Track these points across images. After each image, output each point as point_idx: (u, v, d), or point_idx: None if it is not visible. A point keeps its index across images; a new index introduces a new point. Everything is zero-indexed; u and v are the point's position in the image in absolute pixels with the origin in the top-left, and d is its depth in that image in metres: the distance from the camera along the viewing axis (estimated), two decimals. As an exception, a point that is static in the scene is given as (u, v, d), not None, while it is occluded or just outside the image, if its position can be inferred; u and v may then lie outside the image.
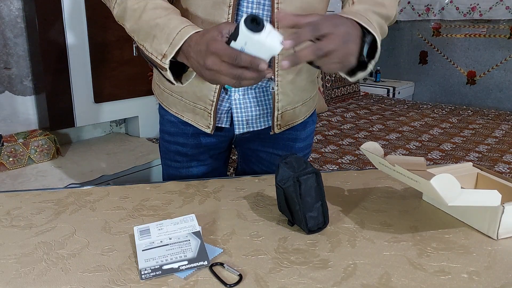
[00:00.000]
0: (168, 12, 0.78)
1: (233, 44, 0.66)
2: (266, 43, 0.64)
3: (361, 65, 0.75)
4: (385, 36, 0.83)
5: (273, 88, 0.94)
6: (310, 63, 0.72)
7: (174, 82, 0.78)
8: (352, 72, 0.78)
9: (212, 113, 0.95)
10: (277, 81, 0.93)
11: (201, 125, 0.98)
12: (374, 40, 0.75)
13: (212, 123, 0.96)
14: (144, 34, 0.78)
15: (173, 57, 0.74)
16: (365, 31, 0.73)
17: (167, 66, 0.75)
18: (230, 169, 1.90)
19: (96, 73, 2.25)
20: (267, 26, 0.64)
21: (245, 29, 0.63)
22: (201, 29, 0.73)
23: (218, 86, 0.92)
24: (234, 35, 0.66)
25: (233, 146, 1.13)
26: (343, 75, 0.78)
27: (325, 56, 0.67)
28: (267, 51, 0.66)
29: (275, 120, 0.98)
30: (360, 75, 0.78)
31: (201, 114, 0.97)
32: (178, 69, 0.79)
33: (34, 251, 0.68)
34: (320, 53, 0.66)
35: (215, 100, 0.93)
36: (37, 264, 0.65)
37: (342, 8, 0.92)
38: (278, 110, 0.97)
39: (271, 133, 1.01)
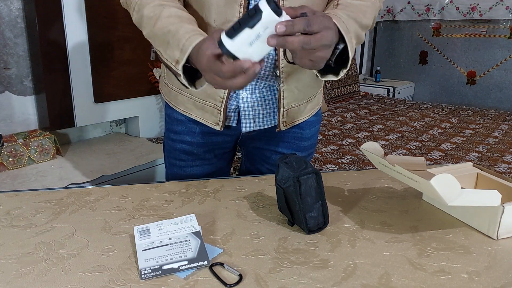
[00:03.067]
0: (181, 19, 0.81)
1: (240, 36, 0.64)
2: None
3: (334, 69, 0.79)
4: (360, 44, 0.87)
5: (278, 85, 0.95)
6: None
7: (188, 86, 0.80)
8: (324, 72, 0.82)
9: (222, 110, 0.96)
10: (282, 77, 0.94)
11: (210, 123, 0.99)
12: (345, 48, 0.77)
13: (221, 120, 0.97)
14: (159, 41, 0.82)
15: (187, 62, 0.77)
16: (339, 38, 0.76)
17: (180, 72, 0.77)
18: (234, 172, 1.90)
19: (96, 73, 2.25)
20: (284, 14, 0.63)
21: (270, 12, 0.62)
22: (207, 36, 0.75)
23: None
24: (243, 24, 0.63)
25: (238, 146, 1.14)
26: (315, 71, 0.82)
27: (306, 51, 0.68)
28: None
29: (281, 117, 1.00)
30: (330, 77, 0.81)
31: (211, 111, 0.98)
32: (193, 73, 0.81)
33: (34, 251, 0.68)
34: (306, 48, 0.67)
35: (225, 97, 0.95)
36: (37, 264, 0.65)
37: (326, 5, 0.93)
38: (283, 107, 0.99)
39: (277, 130, 1.02)
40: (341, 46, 0.76)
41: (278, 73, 0.94)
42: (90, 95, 2.26)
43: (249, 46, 0.64)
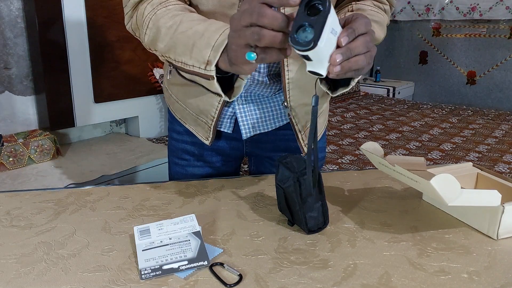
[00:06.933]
0: (206, 20, 0.73)
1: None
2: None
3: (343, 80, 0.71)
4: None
5: (289, 115, 0.95)
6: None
7: (222, 94, 0.69)
8: (334, 87, 0.73)
9: (212, 128, 0.96)
10: (290, 106, 0.94)
11: (201, 136, 1.00)
12: None
13: (211, 136, 0.97)
14: (181, 47, 0.71)
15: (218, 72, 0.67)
16: None
17: (213, 73, 0.65)
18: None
19: (96, 73, 2.25)
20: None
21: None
22: None
23: (220, 103, 0.91)
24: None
25: (246, 157, 1.13)
26: (324, 88, 0.72)
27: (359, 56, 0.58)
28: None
29: (301, 141, 1.00)
30: (341, 90, 0.73)
31: (202, 126, 0.98)
32: (225, 84, 0.71)
33: (34, 251, 0.68)
34: (369, 47, 0.57)
35: (216, 116, 0.93)
36: (37, 264, 0.65)
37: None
38: (300, 131, 0.98)
39: (302, 154, 1.01)
40: None
41: (286, 104, 0.92)
42: (90, 95, 2.26)
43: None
